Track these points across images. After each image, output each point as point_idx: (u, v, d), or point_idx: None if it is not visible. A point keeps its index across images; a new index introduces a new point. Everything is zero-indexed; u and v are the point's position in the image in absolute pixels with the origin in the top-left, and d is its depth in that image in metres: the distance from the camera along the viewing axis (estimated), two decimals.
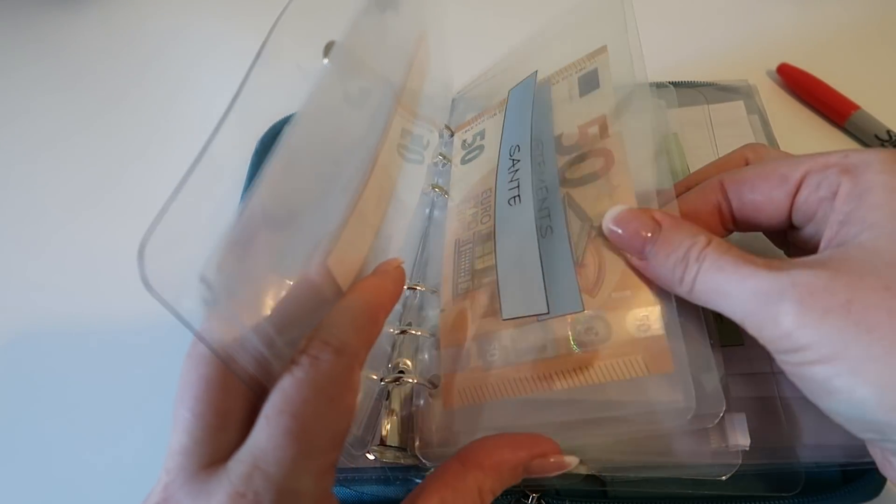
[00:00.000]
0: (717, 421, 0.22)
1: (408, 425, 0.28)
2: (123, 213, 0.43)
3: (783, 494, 0.26)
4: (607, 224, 0.25)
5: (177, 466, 0.19)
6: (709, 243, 0.22)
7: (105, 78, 0.52)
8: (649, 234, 0.23)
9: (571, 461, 0.23)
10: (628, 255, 0.24)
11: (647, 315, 0.24)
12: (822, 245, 0.22)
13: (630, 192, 0.26)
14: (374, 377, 0.28)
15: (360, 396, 0.21)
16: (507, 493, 0.26)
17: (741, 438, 0.23)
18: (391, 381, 0.28)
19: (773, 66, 0.47)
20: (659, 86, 0.39)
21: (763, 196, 0.23)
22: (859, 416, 0.19)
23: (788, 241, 0.26)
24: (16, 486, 0.33)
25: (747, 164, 0.26)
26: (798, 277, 0.19)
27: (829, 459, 0.25)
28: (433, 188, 0.34)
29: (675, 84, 0.40)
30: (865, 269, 0.19)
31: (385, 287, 0.23)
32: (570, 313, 0.25)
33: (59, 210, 0.44)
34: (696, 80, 0.41)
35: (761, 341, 0.20)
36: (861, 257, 0.19)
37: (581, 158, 0.29)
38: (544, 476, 0.23)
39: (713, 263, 0.21)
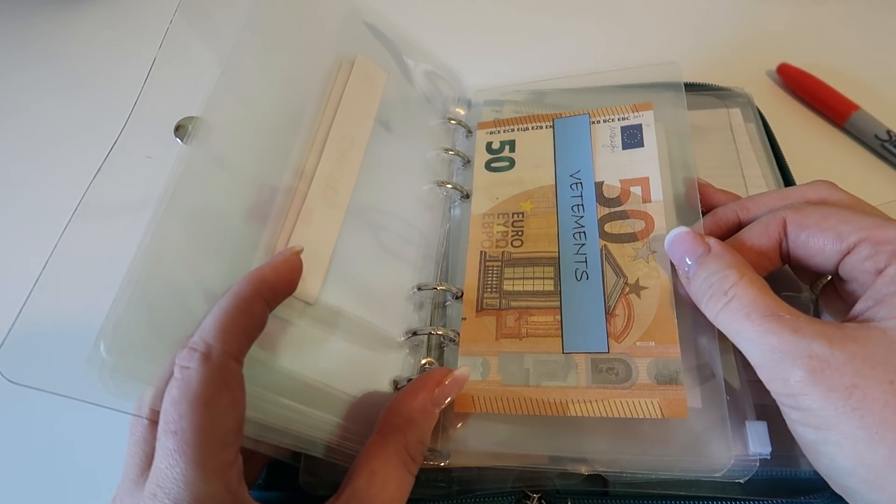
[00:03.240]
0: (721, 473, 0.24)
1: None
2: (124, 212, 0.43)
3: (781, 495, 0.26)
4: (667, 240, 0.27)
5: (122, 481, 0.22)
6: (740, 279, 0.23)
7: (105, 78, 0.51)
8: (699, 255, 0.25)
9: (465, 371, 0.26)
10: (679, 271, 0.27)
11: (667, 364, 0.26)
12: (853, 311, 0.24)
13: (666, 259, 0.28)
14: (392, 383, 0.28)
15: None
16: (507, 493, 0.27)
17: (762, 446, 0.24)
18: None
19: (773, 67, 0.47)
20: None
21: (816, 247, 0.25)
22: (836, 479, 0.22)
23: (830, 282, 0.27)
24: (18, 487, 0.33)
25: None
26: (816, 349, 0.21)
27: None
28: (453, 187, 0.35)
29: None
30: (878, 359, 0.21)
31: (262, 277, 0.23)
32: (595, 352, 0.27)
33: (60, 210, 0.44)
34: (695, 81, 0.41)
35: (767, 387, 0.22)
36: (879, 343, 0.21)
37: (622, 216, 0.31)
38: (450, 398, 0.26)
39: (742, 306, 0.23)
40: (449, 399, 0.26)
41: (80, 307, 0.21)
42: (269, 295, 0.22)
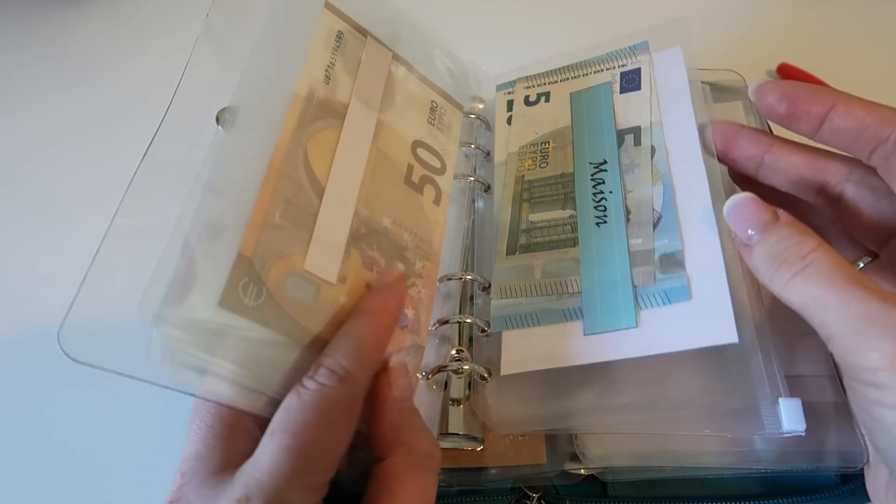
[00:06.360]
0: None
1: (469, 413, 0.28)
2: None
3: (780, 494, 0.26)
4: (726, 207, 0.25)
5: (190, 470, 0.21)
6: (819, 245, 0.21)
7: (107, 78, 0.51)
8: (766, 222, 0.23)
9: (399, 359, 0.24)
10: (735, 239, 0.25)
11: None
12: None
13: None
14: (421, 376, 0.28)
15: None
16: (507, 493, 0.27)
17: (797, 423, 0.23)
18: (453, 371, 0.28)
19: (773, 66, 0.47)
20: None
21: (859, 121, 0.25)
22: None
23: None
24: (21, 487, 0.33)
25: None
26: None
27: (830, 464, 0.26)
28: (475, 180, 0.34)
29: None
30: None
31: (389, 309, 0.24)
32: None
33: (62, 209, 0.44)
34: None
35: (840, 363, 0.21)
36: None
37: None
38: (405, 382, 0.24)
39: (823, 270, 0.21)
40: (408, 382, 0.24)
41: (136, 287, 0.21)
42: (393, 328, 0.24)
